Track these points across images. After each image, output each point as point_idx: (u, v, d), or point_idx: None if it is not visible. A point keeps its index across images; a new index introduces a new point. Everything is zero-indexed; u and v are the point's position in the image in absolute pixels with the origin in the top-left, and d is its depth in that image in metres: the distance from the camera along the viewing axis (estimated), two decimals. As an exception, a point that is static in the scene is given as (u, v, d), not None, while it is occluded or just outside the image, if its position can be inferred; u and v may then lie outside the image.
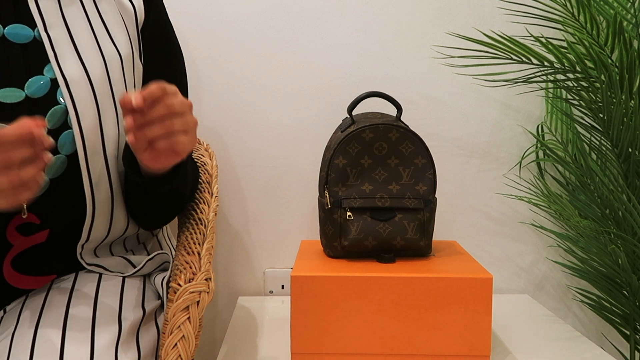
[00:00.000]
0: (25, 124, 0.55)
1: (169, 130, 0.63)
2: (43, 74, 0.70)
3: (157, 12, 0.83)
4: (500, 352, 0.95)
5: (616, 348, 1.25)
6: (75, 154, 0.72)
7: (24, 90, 0.69)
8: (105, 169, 0.74)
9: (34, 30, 0.71)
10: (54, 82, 0.70)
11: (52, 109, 0.70)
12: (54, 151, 0.71)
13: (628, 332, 1.13)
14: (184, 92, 0.91)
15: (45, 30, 0.71)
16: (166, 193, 0.78)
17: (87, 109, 0.71)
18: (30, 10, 0.71)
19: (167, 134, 0.63)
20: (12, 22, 0.70)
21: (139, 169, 0.75)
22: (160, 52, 0.84)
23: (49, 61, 0.71)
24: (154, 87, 0.61)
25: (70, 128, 0.71)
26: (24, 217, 0.70)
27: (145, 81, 0.82)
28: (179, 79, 0.89)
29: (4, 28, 0.69)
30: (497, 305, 1.19)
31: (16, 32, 0.70)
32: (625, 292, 1.10)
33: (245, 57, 1.22)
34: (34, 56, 0.71)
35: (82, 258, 0.78)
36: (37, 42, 0.71)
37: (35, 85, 0.69)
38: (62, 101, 0.70)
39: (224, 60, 1.22)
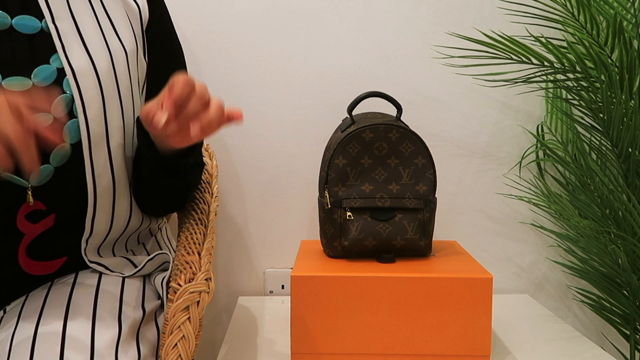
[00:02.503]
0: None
1: (207, 121, 0.65)
2: (49, 64, 0.72)
3: (160, 13, 0.85)
4: (500, 352, 0.95)
5: (616, 348, 1.26)
6: (79, 143, 0.73)
7: (30, 79, 0.70)
8: (108, 160, 0.75)
9: (41, 22, 0.72)
10: (60, 72, 0.72)
11: (58, 97, 0.71)
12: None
13: (628, 332, 1.13)
14: None
15: (53, 22, 0.73)
16: (191, 164, 0.80)
17: (92, 99, 0.72)
18: (38, 2, 0.73)
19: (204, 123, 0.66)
20: (19, 13, 0.72)
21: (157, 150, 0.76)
22: (163, 51, 0.86)
23: (55, 51, 0.72)
24: (180, 87, 0.63)
25: (75, 117, 0.72)
26: (31, 204, 0.71)
27: (149, 79, 0.84)
28: None
29: (11, 19, 0.71)
30: (497, 305, 1.19)
31: (24, 22, 0.71)
32: (625, 292, 1.10)
33: (245, 57, 1.22)
34: (40, 46, 0.72)
35: (85, 255, 0.78)
36: (44, 33, 0.73)
37: (43, 74, 0.71)
38: (68, 91, 0.71)
39: (224, 60, 1.22)
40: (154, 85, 0.84)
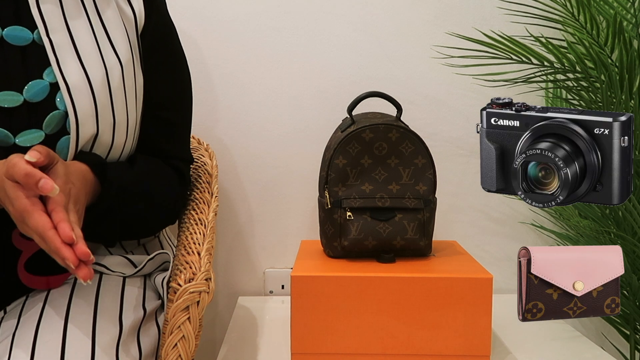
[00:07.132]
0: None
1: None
2: (42, 78, 0.70)
3: (158, 17, 0.83)
4: (500, 352, 0.95)
5: (616, 348, 1.25)
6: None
7: (22, 94, 0.68)
8: None
9: (32, 33, 0.71)
10: (53, 87, 0.70)
11: (51, 114, 0.69)
12: None
13: (628, 332, 1.13)
14: (188, 96, 0.90)
15: (47, 35, 0.71)
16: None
17: (87, 115, 0.71)
18: (32, 13, 0.71)
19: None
20: (11, 23, 0.70)
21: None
22: (161, 57, 0.84)
23: (48, 65, 0.70)
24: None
25: (68, 134, 0.70)
26: None
27: (147, 86, 0.81)
28: (181, 84, 0.88)
29: (2, 29, 0.69)
30: (497, 305, 1.18)
31: (15, 34, 0.70)
32: (625, 292, 1.10)
33: (245, 57, 1.22)
34: (33, 59, 0.70)
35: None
36: (36, 45, 0.71)
37: (35, 89, 0.69)
38: (61, 107, 0.70)
39: (224, 61, 1.22)
40: (154, 91, 0.82)
